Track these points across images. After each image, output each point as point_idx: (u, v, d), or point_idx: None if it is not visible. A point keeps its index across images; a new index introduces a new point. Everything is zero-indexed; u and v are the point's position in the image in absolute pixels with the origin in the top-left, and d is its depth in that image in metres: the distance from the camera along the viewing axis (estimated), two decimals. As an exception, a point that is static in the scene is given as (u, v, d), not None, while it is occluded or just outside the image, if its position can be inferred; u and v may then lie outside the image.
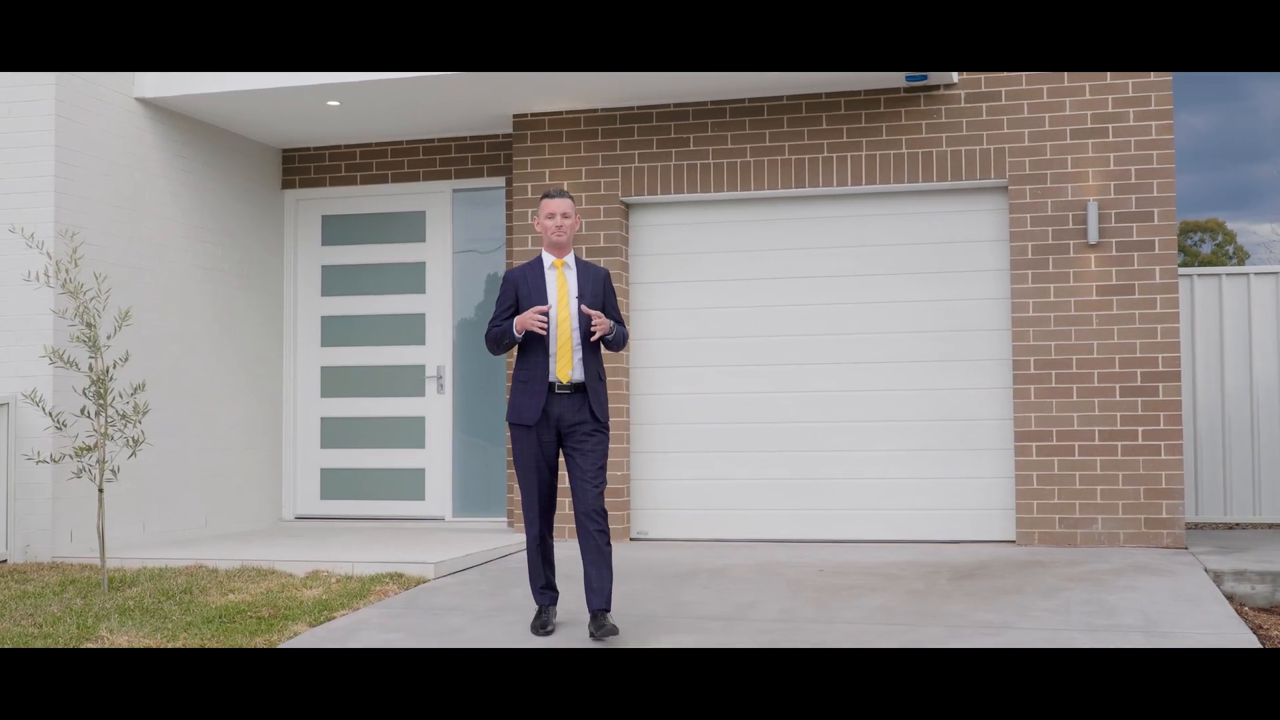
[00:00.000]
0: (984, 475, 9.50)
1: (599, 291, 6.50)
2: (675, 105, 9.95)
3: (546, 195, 6.49)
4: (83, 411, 7.61)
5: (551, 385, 6.32)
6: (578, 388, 6.35)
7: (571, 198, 6.56)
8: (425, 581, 7.97)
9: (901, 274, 9.71)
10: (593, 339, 6.34)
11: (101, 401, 7.46)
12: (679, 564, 8.58)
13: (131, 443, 7.63)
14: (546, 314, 6.27)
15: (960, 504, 9.53)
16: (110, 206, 9.23)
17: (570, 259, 6.49)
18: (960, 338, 9.59)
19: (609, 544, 6.31)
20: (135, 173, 9.52)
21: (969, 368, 9.57)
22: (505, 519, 10.63)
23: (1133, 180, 9.19)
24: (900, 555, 8.83)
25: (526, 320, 6.24)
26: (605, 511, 6.33)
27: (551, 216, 6.45)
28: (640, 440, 10.06)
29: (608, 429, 6.44)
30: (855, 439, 9.73)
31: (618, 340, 6.50)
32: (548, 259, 6.47)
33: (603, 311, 6.48)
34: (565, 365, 6.32)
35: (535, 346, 6.34)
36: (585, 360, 6.38)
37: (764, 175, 9.78)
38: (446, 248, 11.03)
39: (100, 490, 7.48)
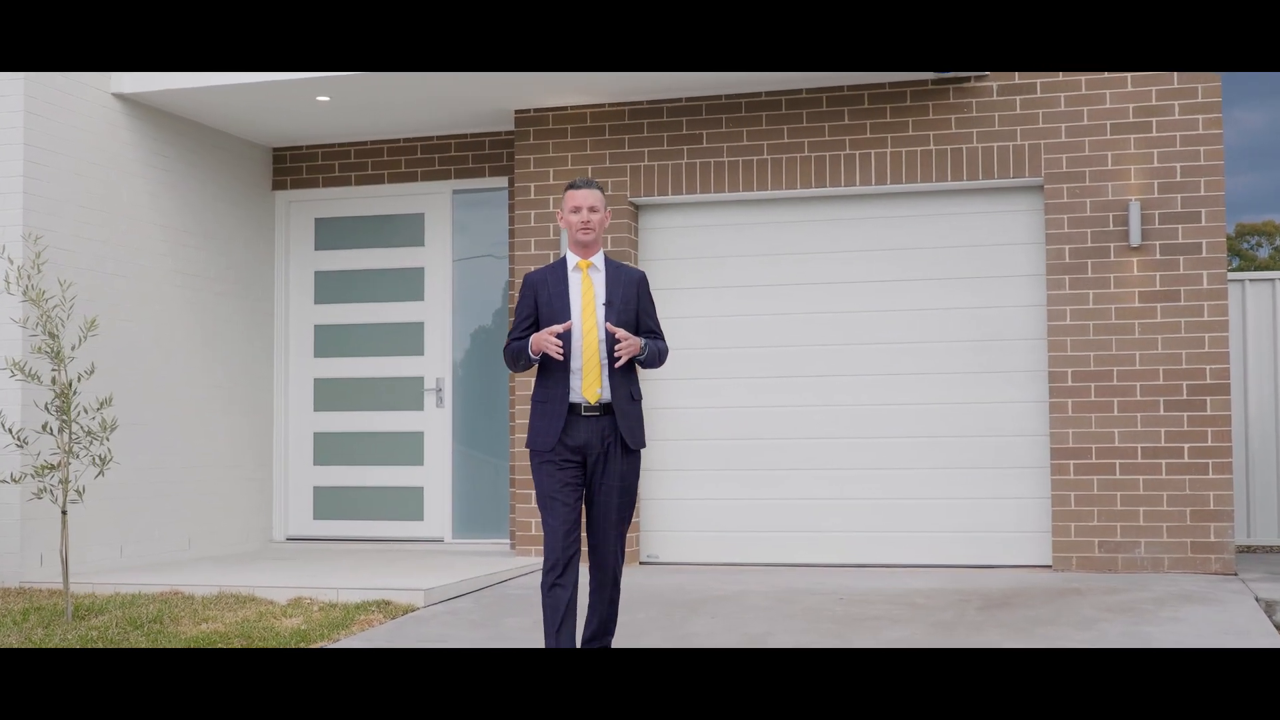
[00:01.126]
0: (1018, 495, 9.29)
1: (631, 297, 5.82)
2: (687, 100, 9.78)
3: (572, 185, 5.85)
4: (44, 428, 7.42)
5: (575, 406, 5.68)
6: (606, 409, 5.71)
7: (601, 188, 5.88)
8: (414, 610, 7.78)
9: (929, 279, 9.53)
10: (617, 364, 5.67)
11: (65, 417, 7.26)
12: (689, 591, 8.39)
13: (98, 461, 7.43)
14: (564, 336, 5.64)
15: (993, 526, 9.33)
16: (82, 208, 9.09)
17: (599, 260, 5.84)
18: (992, 348, 9.40)
19: (616, 585, 5.80)
20: (110, 172, 9.38)
21: (1002, 380, 9.37)
22: (508, 540, 10.44)
23: (1178, 178, 8.97)
24: (928, 581, 8.63)
25: (541, 343, 5.60)
26: (624, 551, 5.81)
27: (577, 210, 5.79)
28: (652, 458, 9.84)
29: (639, 457, 5.81)
30: (880, 456, 9.55)
31: (652, 358, 5.83)
32: (572, 259, 5.83)
33: (635, 323, 5.83)
34: (592, 383, 5.67)
35: (557, 361, 5.69)
36: (615, 377, 5.71)
37: (782, 174, 9.59)
38: (446, 252, 10.88)
39: (63, 512, 7.30)
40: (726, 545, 9.75)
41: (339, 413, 11.10)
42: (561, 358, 5.63)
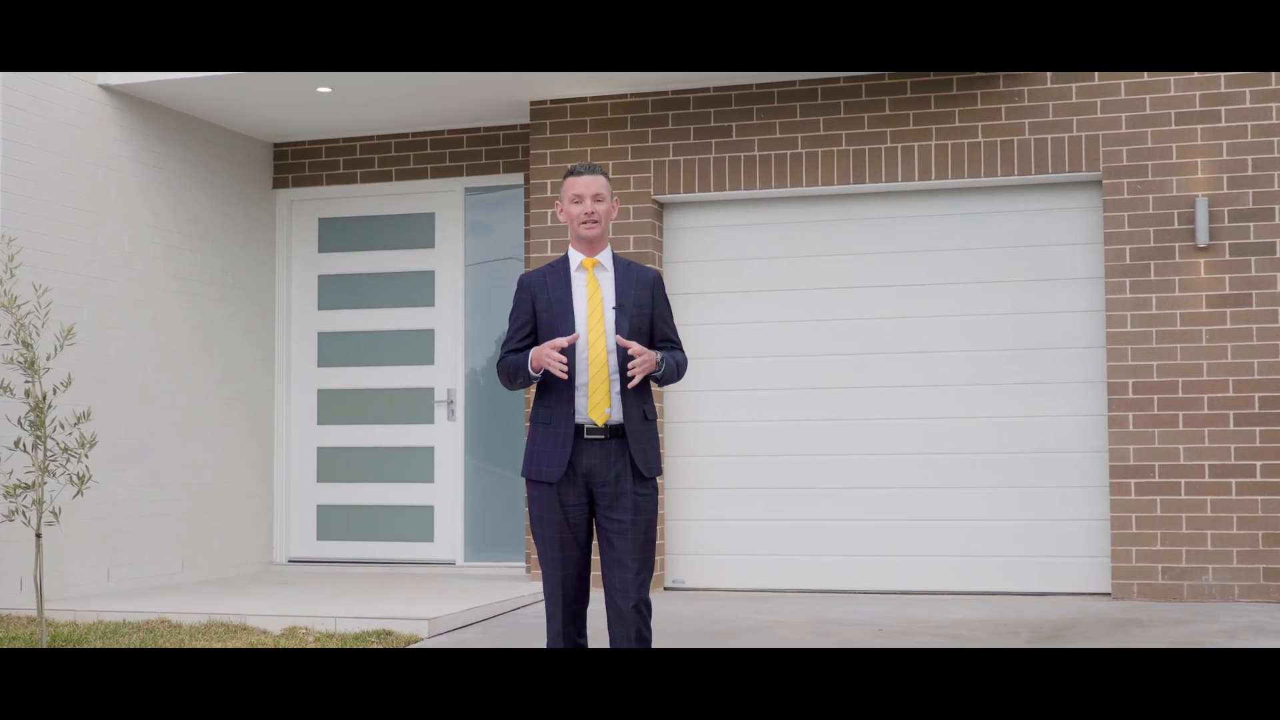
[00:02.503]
0: (1073, 517, 9.14)
1: (645, 301, 5.31)
2: (715, 90, 9.65)
3: (571, 172, 5.31)
4: (17, 444, 7.28)
5: (580, 428, 5.19)
6: (615, 431, 5.20)
7: (606, 174, 5.38)
8: (416, 641, 7.64)
9: (978, 283, 9.40)
10: (631, 384, 5.16)
11: (40, 433, 7.12)
12: (715, 620, 8.25)
13: (76, 480, 7.28)
14: (571, 349, 5.15)
15: (1045, 551, 9.17)
16: (68, 209, 9.01)
17: (606, 258, 5.32)
18: (1046, 357, 9.25)
19: (644, 641, 5.26)
20: (97, 170, 9.29)
21: (1056, 392, 9.22)
22: (524, 563, 10.28)
23: (1249, 172, 8.79)
24: (975, 611, 8.47)
25: (543, 359, 5.12)
26: (649, 605, 5.20)
27: (579, 200, 5.27)
28: (676, 475, 9.75)
29: (656, 487, 5.28)
30: (922, 474, 9.40)
31: (670, 374, 5.31)
32: (575, 258, 5.32)
33: (650, 330, 5.33)
34: (599, 402, 5.18)
35: (559, 377, 5.23)
36: (626, 394, 5.21)
37: (818, 169, 9.46)
38: (458, 254, 10.79)
39: (38, 535, 7.16)
40: (756, 569, 9.62)
41: (344, 426, 11.01)
42: (566, 376, 5.13)
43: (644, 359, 5.14)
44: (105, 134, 9.37)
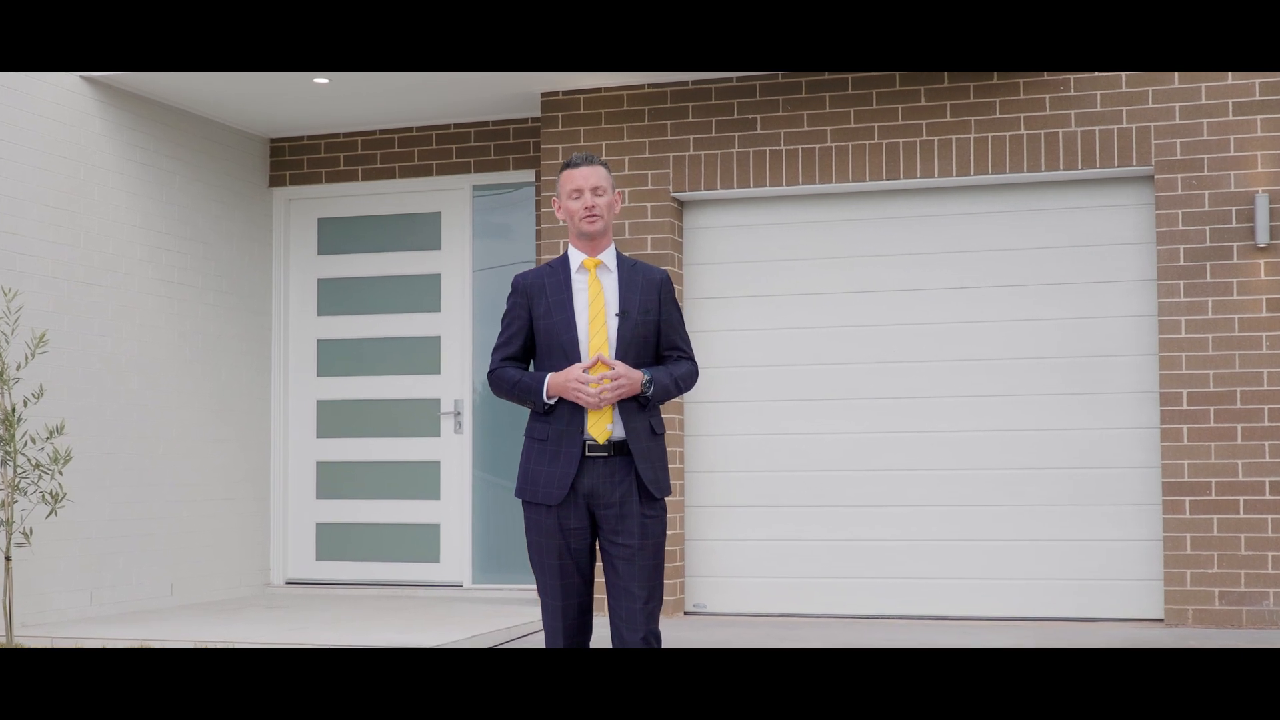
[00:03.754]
0: (1123, 538, 9.03)
1: (651, 304, 5.12)
2: (739, 80, 9.56)
3: (568, 165, 5.16)
4: (-16, 460, 7.14)
5: (582, 445, 5.03)
6: (619, 448, 5.02)
7: (606, 165, 5.25)
8: (415, 671, 7.42)
9: (1019, 286, 9.30)
10: (599, 407, 4.99)
11: (9, 448, 6.95)
12: (738, 649, 7.99)
13: (49, 498, 7.12)
14: (568, 358, 5.02)
15: (1093, 573, 9.06)
16: (47, 208, 8.92)
17: (609, 257, 5.15)
18: (1094, 365, 9.14)
19: None
20: (80, 167, 9.21)
21: (1105, 402, 9.10)
22: (534, 586, 10.08)
23: (1312, 166, 8.71)
24: (1016, 638, 8.33)
25: (569, 389, 4.95)
26: (658, 636, 5.03)
27: (577, 194, 5.10)
28: (696, 492, 9.64)
29: (665, 507, 5.10)
30: (960, 492, 9.30)
31: (661, 393, 5.09)
32: (575, 257, 5.15)
33: (656, 337, 5.16)
34: (601, 416, 5.01)
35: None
36: (631, 408, 5.04)
37: (848, 164, 9.36)
38: (466, 257, 10.73)
39: (7, 557, 7.00)
40: (782, 593, 9.54)
41: (345, 439, 10.96)
42: (598, 407, 4.93)
43: (618, 383, 4.94)
44: (88, 128, 9.26)
